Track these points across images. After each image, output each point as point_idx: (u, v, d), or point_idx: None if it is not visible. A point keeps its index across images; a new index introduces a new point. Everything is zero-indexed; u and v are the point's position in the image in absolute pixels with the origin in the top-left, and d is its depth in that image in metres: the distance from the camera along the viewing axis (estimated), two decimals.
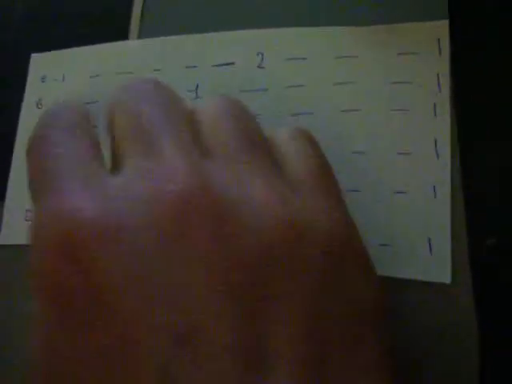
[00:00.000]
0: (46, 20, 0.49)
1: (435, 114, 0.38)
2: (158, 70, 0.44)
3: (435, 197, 0.37)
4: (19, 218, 0.46)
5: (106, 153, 0.28)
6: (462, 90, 0.38)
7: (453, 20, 0.39)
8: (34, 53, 0.49)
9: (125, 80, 0.42)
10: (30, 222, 0.44)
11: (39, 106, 0.47)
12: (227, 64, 0.43)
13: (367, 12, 0.41)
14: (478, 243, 0.37)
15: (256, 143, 0.28)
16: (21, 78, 0.48)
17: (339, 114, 0.39)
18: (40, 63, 0.48)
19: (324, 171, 0.31)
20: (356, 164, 0.38)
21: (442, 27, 0.39)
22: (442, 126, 0.37)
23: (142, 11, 0.46)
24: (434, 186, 0.37)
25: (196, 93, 0.43)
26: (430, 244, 0.36)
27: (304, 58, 0.41)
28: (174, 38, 0.45)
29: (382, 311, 0.28)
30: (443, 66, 0.38)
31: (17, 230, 0.46)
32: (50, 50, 0.48)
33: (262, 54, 0.42)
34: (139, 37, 0.46)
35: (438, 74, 0.38)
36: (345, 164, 0.39)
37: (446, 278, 0.35)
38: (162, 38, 0.45)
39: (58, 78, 0.47)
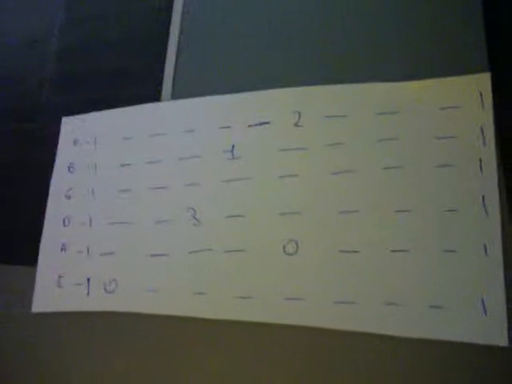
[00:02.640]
0: (78, 81, 0.49)
1: (481, 169, 0.37)
2: (192, 130, 0.44)
3: (486, 255, 0.35)
4: (52, 284, 0.44)
5: None
6: (507, 143, 0.37)
7: (494, 72, 0.38)
8: (65, 115, 0.48)
9: (157, 142, 0.42)
10: (62, 289, 0.44)
11: (71, 170, 0.47)
12: (262, 123, 0.42)
13: (406, 67, 0.40)
14: None
15: None
16: (53, 141, 0.48)
17: (382, 171, 0.38)
18: (71, 126, 0.48)
19: None
20: (401, 223, 0.37)
21: (483, 80, 0.38)
22: (488, 182, 0.36)
23: (175, 72, 0.46)
24: (485, 244, 0.35)
25: (232, 153, 0.42)
26: (483, 305, 0.34)
27: (344, 116, 0.40)
28: (206, 98, 0.44)
29: None
30: (487, 120, 0.37)
31: (50, 296, 0.44)
32: (82, 113, 0.48)
33: (299, 113, 0.41)
34: (172, 98, 0.45)
35: (481, 128, 0.37)
36: (390, 223, 0.37)
37: (503, 341, 0.33)
38: (194, 98, 0.45)
39: (90, 141, 0.47)
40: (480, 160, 0.37)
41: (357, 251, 0.38)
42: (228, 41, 0.45)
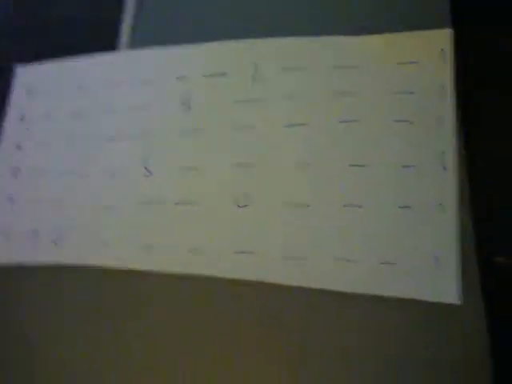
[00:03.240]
0: (32, 30, 0.47)
1: (440, 126, 0.36)
2: (149, 81, 0.42)
3: (442, 211, 0.34)
4: None
5: None
6: (466, 99, 0.37)
7: (456, 29, 0.37)
8: (18, 65, 0.47)
9: (113, 92, 0.40)
10: (9, 240, 0.42)
11: (23, 120, 0.45)
12: (219, 74, 0.41)
13: (367, 21, 0.39)
14: (487, 261, 0.34)
15: None
16: (5, 90, 0.46)
17: (338, 124, 0.37)
18: (25, 75, 0.46)
19: None
20: (356, 178, 0.36)
21: (444, 36, 0.37)
22: (447, 138, 0.35)
23: (134, 21, 0.44)
24: (441, 201, 0.34)
25: (188, 105, 0.41)
26: (437, 262, 0.34)
27: (301, 68, 0.39)
28: (164, 48, 0.43)
29: None
30: (447, 76, 0.36)
31: None
32: (35, 61, 0.46)
33: (256, 65, 0.40)
34: (129, 48, 0.44)
35: (441, 85, 0.36)
36: (344, 177, 0.36)
37: (455, 298, 0.33)
38: (152, 48, 0.43)
39: (44, 90, 0.45)
40: (439, 116, 0.36)
41: (308, 205, 0.37)
42: None
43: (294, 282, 0.36)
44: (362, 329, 0.34)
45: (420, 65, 0.37)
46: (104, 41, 0.44)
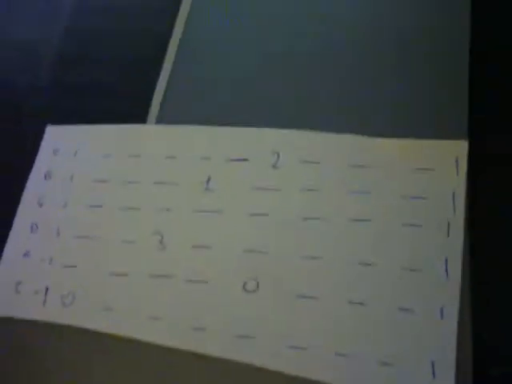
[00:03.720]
0: (68, 92, 0.49)
1: (448, 233, 0.37)
2: (174, 157, 0.44)
3: (442, 318, 0.35)
4: (10, 289, 0.44)
5: None
6: (476, 211, 0.38)
7: (472, 141, 0.39)
8: (50, 124, 0.49)
9: (137, 163, 0.42)
10: (20, 295, 0.43)
11: (47, 178, 0.47)
12: (241, 159, 0.43)
13: (386, 124, 0.41)
14: (482, 371, 0.35)
15: None
16: (35, 146, 0.48)
17: (350, 222, 0.39)
18: (54, 136, 0.48)
19: None
20: (362, 275, 0.37)
21: (460, 147, 0.39)
22: (453, 246, 0.37)
23: (164, 96, 0.46)
24: (442, 307, 0.35)
25: (207, 185, 0.42)
26: (433, 368, 0.34)
27: (318, 163, 0.41)
28: (190, 127, 0.45)
29: None
30: (459, 186, 0.38)
31: (6, 301, 0.44)
32: (66, 123, 0.48)
33: (278, 154, 0.42)
34: (157, 122, 0.46)
35: (453, 193, 0.38)
36: (351, 274, 0.38)
37: None
38: (178, 126, 0.45)
39: (71, 152, 0.47)
40: (448, 224, 0.37)
41: (315, 298, 0.38)
42: (222, 74, 0.46)
43: (295, 371, 0.36)
44: None
45: (434, 172, 0.39)
46: (134, 112, 0.46)
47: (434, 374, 0.34)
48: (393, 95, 0.42)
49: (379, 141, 0.40)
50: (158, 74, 0.47)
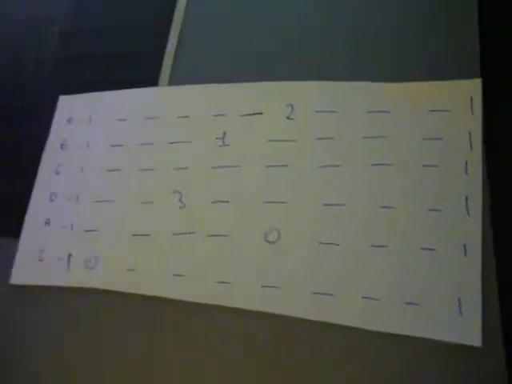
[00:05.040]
0: (77, 62, 0.49)
1: (466, 172, 0.37)
2: (186, 116, 0.44)
3: (465, 255, 0.35)
4: (33, 257, 0.45)
5: None
6: (493, 147, 0.38)
7: (486, 79, 0.39)
8: (62, 94, 0.49)
9: (151, 125, 0.42)
10: (43, 262, 0.44)
11: (63, 147, 0.47)
12: (255, 113, 0.43)
13: (400, 68, 0.41)
14: (509, 304, 0.35)
15: None
16: (48, 118, 0.48)
17: (369, 167, 0.39)
18: (67, 105, 0.48)
19: None
20: (384, 219, 0.37)
21: (474, 86, 0.39)
22: (473, 184, 0.37)
23: (175, 58, 0.46)
24: (465, 245, 0.36)
25: (223, 140, 0.43)
26: (460, 304, 0.35)
27: (334, 112, 0.41)
28: (202, 86, 0.45)
29: None
30: (475, 125, 0.38)
31: (30, 269, 0.44)
32: (78, 92, 0.48)
33: (292, 106, 0.42)
34: (169, 83, 0.46)
35: (469, 132, 0.38)
36: (373, 218, 0.38)
37: (477, 341, 0.34)
38: (190, 85, 0.45)
39: (85, 120, 0.47)
40: (466, 163, 0.37)
41: (337, 244, 0.38)
42: (230, 32, 0.46)
43: (321, 318, 0.37)
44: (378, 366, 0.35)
45: (449, 113, 0.39)
46: (145, 76, 0.46)
47: (460, 310, 0.34)
48: (403, 39, 0.42)
49: (393, 85, 0.40)
50: (166, 39, 0.47)
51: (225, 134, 0.43)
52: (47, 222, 0.45)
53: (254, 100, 0.43)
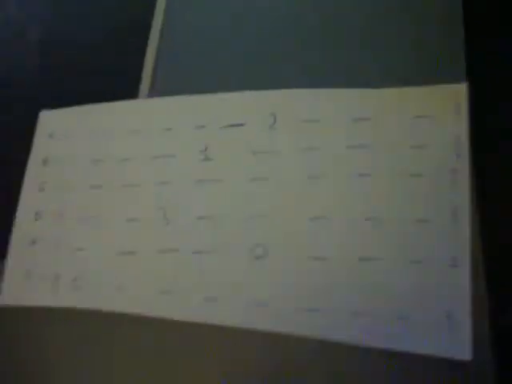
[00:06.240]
0: (55, 75, 0.49)
1: (454, 181, 0.36)
2: (169, 129, 0.43)
3: (454, 268, 0.35)
4: (20, 278, 0.44)
5: None
6: (480, 157, 0.37)
7: (471, 84, 0.38)
8: (44, 109, 0.48)
9: (132, 139, 0.41)
10: (30, 282, 0.43)
11: (45, 163, 0.46)
12: (237, 125, 0.42)
13: (382, 74, 0.40)
14: (498, 318, 0.35)
15: None
16: (29, 134, 0.48)
17: (354, 178, 0.38)
18: (48, 120, 0.48)
19: None
20: (371, 231, 0.37)
21: (460, 91, 0.38)
22: (461, 194, 0.36)
23: (153, 70, 0.45)
24: (453, 256, 0.35)
25: (205, 154, 0.42)
26: (448, 318, 0.34)
27: (317, 121, 0.40)
28: (183, 97, 0.44)
29: None
30: (462, 131, 0.37)
31: (17, 290, 0.44)
32: (58, 106, 0.47)
33: (275, 116, 0.41)
34: (149, 96, 0.45)
35: (456, 139, 0.37)
36: (358, 230, 0.37)
37: (467, 355, 0.33)
38: (172, 97, 0.44)
39: (66, 135, 0.47)
40: (453, 171, 0.36)
41: (325, 258, 0.37)
42: (210, 41, 0.45)
43: (308, 333, 0.36)
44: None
45: (435, 119, 0.38)
46: (125, 89, 0.45)
47: (449, 324, 0.34)
48: (387, 44, 0.41)
49: (377, 92, 0.39)
50: (145, 50, 0.46)
51: (206, 147, 0.42)
52: (33, 242, 0.45)
53: (234, 110, 0.42)
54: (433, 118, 0.38)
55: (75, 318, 0.42)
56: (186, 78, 0.45)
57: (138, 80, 0.45)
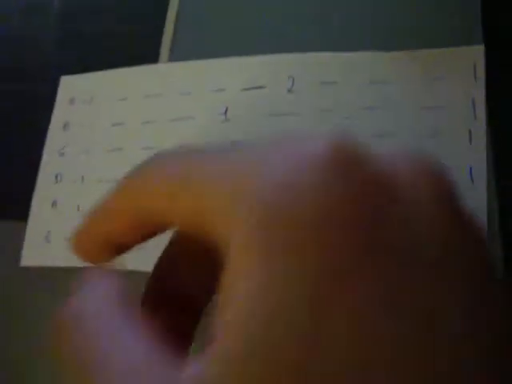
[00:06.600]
0: (75, 42, 0.49)
1: (470, 141, 0.37)
2: (188, 93, 0.44)
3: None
4: (40, 239, 0.45)
5: None
6: (497, 116, 0.37)
7: (488, 45, 0.38)
8: (64, 75, 0.49)
9: (152, 103, 0.42)
10: (51, 244, 0.44)
11: (66, 128, 0.47)
12: (256, 87, 0.42)
13: (401, 37, 0.40)
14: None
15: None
16: (50, 100, 0.48)
17: (372, 139, 0.38)
18: (69, 85, 0.48)
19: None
20: None
21: (477, 52, 0.38)
22: (477, 153, 0.36)
23: (173, 35, 0.46)
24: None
25: (225, 116, 0.42)
26: None
27: (335, 83, 0.40)
28: (202, 61, 0.44)
29: None
30: (479, 92, 0.37)
31: (38, 251, 0.45)
32: (80, 72, 0.48)
33: (293, 79, 0.41)
34: (169, 60, 0.46)
35: (473, 100, 0.37)
36: None
37: None
38: (190, 61, 0.45)
39: (86, 100, 0.47)
40: (470, 131, 0.37)
41: None
42: (230, 5, 0.45)
43: None
44: None
45: (451, 80, 0.38)
46: (145, 53, 0.46)
47: None
48: (403, 6, 0.41)
49: (394, 54, 0.40)
50: (165, 15, 0.47)
51: (227, 109, 0.42)
52: (54, 204, 0.45)
53: (254, 74, 0.43)
54: (450, 80, 0.38)
55: None
56: (206, 42, 0.45)
57: (158, 44, 0.46)
